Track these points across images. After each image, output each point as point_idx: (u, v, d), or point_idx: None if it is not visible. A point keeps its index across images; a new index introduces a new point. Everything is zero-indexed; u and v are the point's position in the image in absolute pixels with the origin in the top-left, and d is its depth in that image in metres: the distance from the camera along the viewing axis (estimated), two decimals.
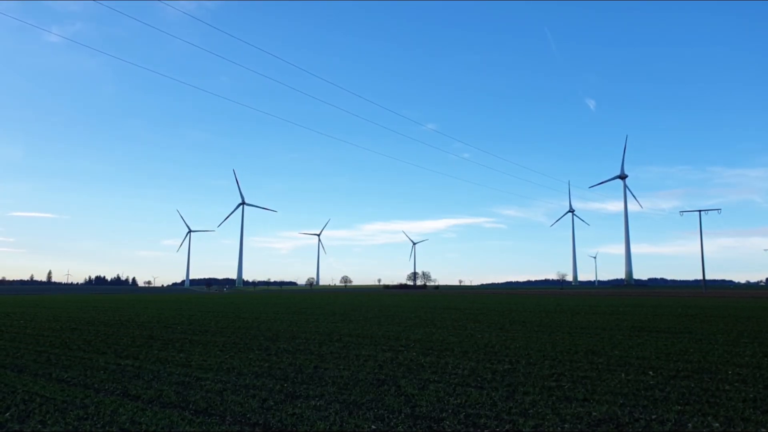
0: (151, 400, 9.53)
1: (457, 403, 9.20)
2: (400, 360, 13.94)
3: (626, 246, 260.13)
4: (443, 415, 8.44)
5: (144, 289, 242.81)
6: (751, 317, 30.16)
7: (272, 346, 16.81)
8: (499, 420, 8.17)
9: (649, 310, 38.67)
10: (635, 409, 8.77)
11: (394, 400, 9.42)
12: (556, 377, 11.54)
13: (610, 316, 31.64)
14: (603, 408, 8.81)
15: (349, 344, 17.32)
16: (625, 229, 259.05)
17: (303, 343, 17.59)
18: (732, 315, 32.26)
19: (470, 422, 8.06)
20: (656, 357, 14.33)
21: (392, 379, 11.33)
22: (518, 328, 23.35)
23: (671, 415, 8.39)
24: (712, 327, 23.53)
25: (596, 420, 8.14)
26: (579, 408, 8.83)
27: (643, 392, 10.00)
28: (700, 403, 9.13)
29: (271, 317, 30.73)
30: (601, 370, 12.43)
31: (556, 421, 8.10)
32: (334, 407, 8.97)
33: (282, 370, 12.57)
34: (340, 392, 10.11)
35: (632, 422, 8.00)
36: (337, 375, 11.84)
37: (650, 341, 17.91)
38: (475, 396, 9.72)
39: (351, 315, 32.71)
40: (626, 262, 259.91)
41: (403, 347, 16.51)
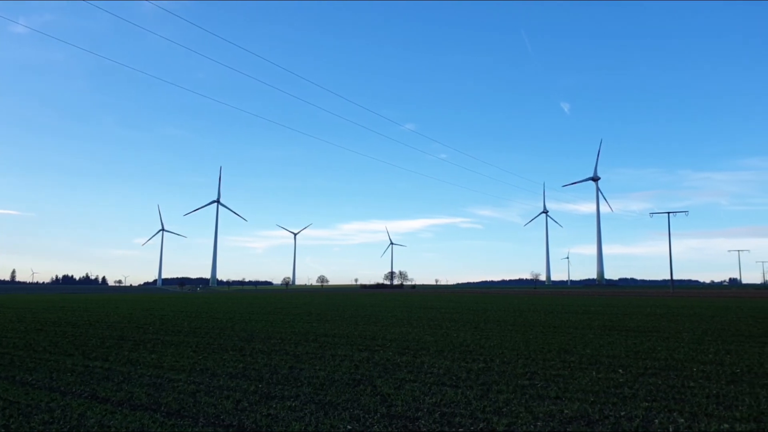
0: (121, 402, 9.41)
1: (433, 402, 9.29)
2: (376, 360, 13.99)
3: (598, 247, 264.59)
4: (418, 415, 8.51)
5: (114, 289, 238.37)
6: (715, 316, 30.98)
7: (247, 347, 16.71)
8: (474, 418, 8.27)
9: (619, 309, 39.41)
10: (605, 406, 8.97)
11: (370, 400, 9.46)
12: (529, 376, 11.72)
13: (582, 315, 32.16)
14: (574, 406, 8.99)
15: (325, 344, 17.31)
16: (597, 230, 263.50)
17: (278, 344, 17.53)
18: (697, 314, 33.08)
19: (445, 421, 8.15)
20: (626, 355, 14.63)
21: (368, 379, 11.37)
22: (493, 327, 23.60)
23: (639, 411, 8.60)
24: (679, 326, 24.10)
25: (568, 417, 8.30)
26: (551, 406, 8.99)
27: (612, 390, 10.23)
28: (667, 400, 9.37)
29: (246, 317, 30.51)
30: (573, 368, 12.66)
31: (529, 419, 8.24)
32: (309, 408, 8.98)
33: (257, 370, 12.51)
34: (316, 393, 10.11)
35: (602, 419, 8.18)
36: (312, 375, 11.84)
37: (620, 340, 18.28)
38: (450, 395, 9.82)
39: (327, 315, 32.66)
40: (598, 262, 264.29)
41: (379, 347, 16.56)
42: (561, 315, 32.07)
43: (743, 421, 8.08)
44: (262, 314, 33.59)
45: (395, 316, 31.54)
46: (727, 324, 24.93)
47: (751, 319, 28.47)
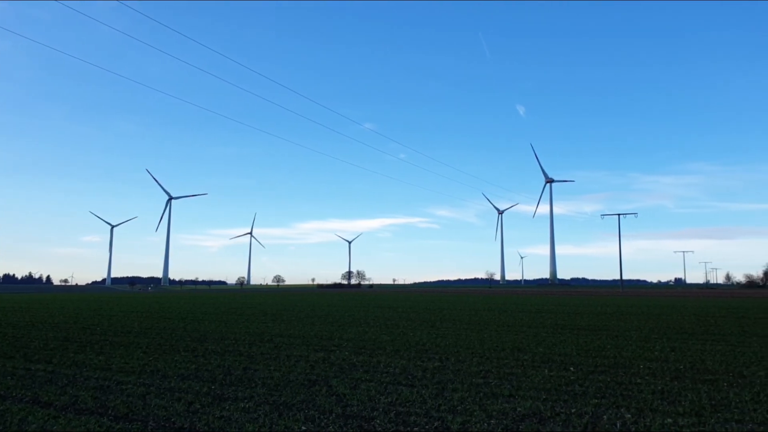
0: (65, 406, 9.06)
1: (388, 402, 9.30)
2: (332, 360, 13.91)
3: (551, 247, 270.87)
4: (374, 414, 8.50)
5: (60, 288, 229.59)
6: (661, 315, 32.16)
7: (200, 347, 16.36)
8: (429, 417, 8.32)
9: (571, 308, 40.44)
10: (557, 403, 9.17)
11: (325, 401, 9.40)
12: (483, 374, 11.87)
13: (535, 314, 32.85)
14: (527, 403, 9.15)
15: (280, 345, 17.12)
16: (551, 231, 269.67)
17: (232, 344, 17.23)
18: (644, 313, 34.26)
19: (400, 420, 8.17)
20: (577, 353, 15.01)
21: (324, 379, 11.30)
22: (448, 326, 23.83)
23: (589, 408, 8.83)
24: (627, 324, 24.90)
25: (521, 415, 8.44)
26: (505, 404, 9.13)
27: (564, 387, 10.46)
28: (615, 396, 9.65)
29: (199, 317, 29.90)
30: (526, 366, 12.90)
31: (483, 417, 8.34)
32: (263, 409, 8.85)
33: (210, 371, 12.26)
34: (270, 393, 9.98)
35: (554, 416, 8.36)
36: (267, 376, 11.68)
37: (571, 338, 18.75)
38: (405, 394, 9.85)
39: (282, 315, 32.33)
40: (551, 262, 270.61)
41: (335, 347, 16.49)
42: (515, 314, 32.67)
43: (685, 415, 8.40)
44: (216, 314, 32.99)
45: (352, 315, 31.49)
46: (672, 322, 25.90)
47: (694, 317, 29.67)
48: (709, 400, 9.40)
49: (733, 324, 24.89)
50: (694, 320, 27.23)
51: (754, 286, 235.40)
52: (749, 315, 31.60)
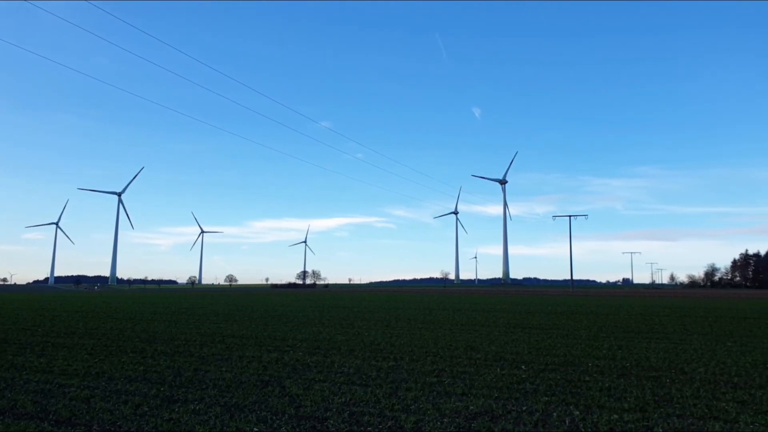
0: (3, 411, 8.64)
1: (342, 402, 9.25)
2: (285, 360, 13.76)
3: (504, 247, 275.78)
4: (327, 415, 8.45)
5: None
6: (609, 314, 33.18)
7: (148, 348, 15.91)
8: (383, 417, 8.32)
9: (523, 307, 41.25)
10: (508, 401, 9.32)
11: (278, 401, 9.28)
12: (437, 373, 11.97)
13: (489, 313, 33.36)
14: (479, 401, 9.27)
15: (232, 345, 16.82)
16: (504, 232, 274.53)
17: (183, 345, 16.83)
18: (593, 312, 35.27)
19: (354, 420, 8.14)
20: (528, 352, 15.31)
21: (277, 380, 11.16)
22: (403, 325, 23.93)
23: (539, 405, 9.01)
24: (577, 323, 25.57)
25: (473, 413, 8.54)
26: (458, 402, 9.22)
27: (515, 385, 10.65)
28: (564, 394, 9.89)
29: (148, 318, 29.09)
30: (478, 365, 13.07)
31: (436, 415, 8.40)
32: (214, 410, 8.67)
33: (159, 373, 11.93)
34: (222, 395, 9.79)
35: (505, 414, 8.49)
36: (218, 377, 11.45)
37: (523, 337, 19.11)
38: (359, 394, 9.83)
39: (235, 315, 31.80)
40: (504, 262, 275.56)
41: (289, 347, 16.32)
42: (469, 313, 33.09)
43: (631, 411, 8.68)
44: (166, 314, 32.17)
45: (306, 315, 31.26)
46: (620, 321, 26.75)
47: (640, 316, 30.73)
48: (652, 395, 9.74)
49: (676, 323, 25.90)
50: (640, 319, 28.20)
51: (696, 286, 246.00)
52: (691, 314, 32.96)
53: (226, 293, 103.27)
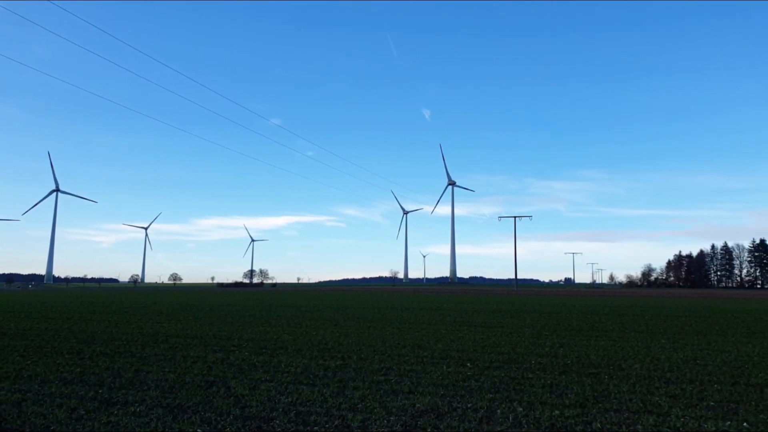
0: None
1: (288, 402, 9.17)
2: (231, 360, 13.52)
3: (452, 247, 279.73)
4: (273, 415, 8.36)
5: None
6: (552, 312, 34.15)
7: (86, 349, 15.31)
8: (329, 416, 8.30)
9: (469, 306, 41.94)
10: (454, 399, 9.46)
11: (223, 402, 9.12)
12: (384, 371, 12.02)
13: (436, 311, 33.75)
14: (426, 399, 9.37)
15: (175, 345, 16.39)
16: (452, 232, 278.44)
17: (123, 345, 16.28)
18: (537, 311, 36.23)
19: (300, 420, 8.09)
20: (474, 349, 15.58)
21: (222, 380, 10.95)
22: (352, 324, 23.92)
23: (484, 402, 9.19)
24: (521, 321, 26.20)
25: (419, 411, 8.63)
26: (404, 400, 9.29)
27: (461, 383, 10.82)
28: (508, 391, 10.12)
29: (87, 317, 27.99)
30: (425, 363, 13.21)
31: (382, 414, 8.44)
32: (156, 412, 8.43)
33: (97, 375, 11.51)
34: (164, 396, 9.53)
35: (451, 411, 8.62)
36: (161, 378, 11.14)
37: (469, 335, 19.44)
38: (306, 393, 9.77)
39: (179, 314, 31.00)
40: (451, 261, 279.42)
41: (235, 347, 16.04)
42: (416, 311, 33.39)
43: (571, 407, 8.97)
44: (106, 314, 31.04)
45: (253, 315, 30.80)
46: (562, 320, 27.57)
47: (581, 315, 31.77)
48: (592, 392, 10.09)
49: (615, 321, 26.92)
50: (581, 318, 29.15)
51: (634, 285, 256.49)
52: (628, 312, 34.32)
53: (170, 292, 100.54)
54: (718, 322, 26.34)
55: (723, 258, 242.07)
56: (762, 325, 25.30)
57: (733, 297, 79.53)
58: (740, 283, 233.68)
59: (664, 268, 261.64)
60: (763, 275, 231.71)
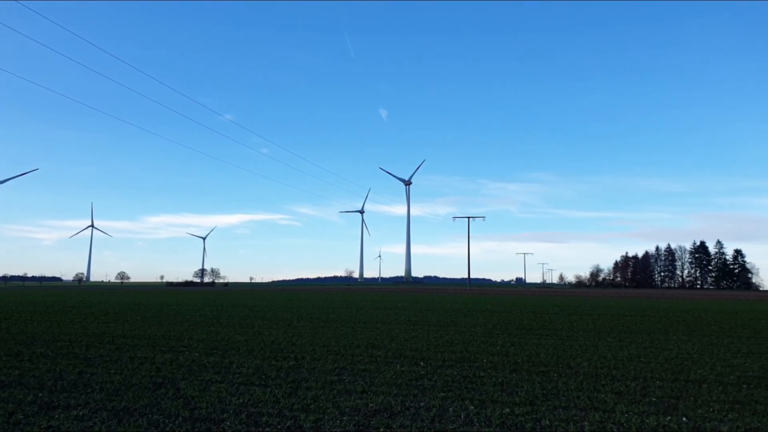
0: None
1: (239, 403, 9.02)
2: (180, 361, 13.21)
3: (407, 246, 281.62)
4: (224, 416, 8.20)
5: None
6: (503, 312, 34.79)
7: (26, 351, 14.66)
8: (282, 417, 8.21)
9: (423, 305, 42.27)
10: (407, 398, 9.51)
11: (172, 404, 8.89)
12: (338, 371, 11.98)
13: (390, 311, 33.87)
14: (379, 399, 9.38)
15: (122, 346, 15.90)
16: (407, 231, 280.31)
17: (66, 346, 15.67)
18: (489, 310, 36.83)
19: (252, 421, 7.97)
20: (427, 348, 15.70)
21: (171, 382, 10.68)
22: (305, 324, 23.74)
23: (436, 401, 9.27)
24: (474, 320, 26.58)
25: (372, 411, 8.63)
26: (357, 400, 9.28)
27: (414, 382, 10.89)
28: (460, 389, 10.24)
29: (27, 317, 26.82)
30: (379, 362, 13.23)
31: (335, 414, 8.40)
32: (100, 415, 8.15)
33: (37, 377, 11.03)
34: (110, 399, 9.22)
35: (403, 411, 8.65)
36: (106, 380, 10.78)
37: (423, 334, 19.58)
38: (258, 394, 9.63)
39: (126, 314, 30.08)
40: (406, 261, 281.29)
41: (184, 348, 15.67)
42: (371, 311, 33.42)
43: (521, 404, 9.15)
44: (48, 314, 29.83)
45: (204, 315, 30.19)
46: (513, 319, 28.11)
47: (532, 314, 32.47)
48: (541, 389, 10.32)
49: (564, 320, 27.63)
50: (531, 317, 29.79)
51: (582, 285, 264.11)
52: (577, 312, 35.30)
53: (117, 291, 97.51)
54: (661, 321, 27.40)
55: (666, 259, 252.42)
56: (701, 323, 26.46)
57: (675, 297, 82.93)
58: (682, 284, 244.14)
59: (611, 269, 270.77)
60: (702, 276, 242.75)
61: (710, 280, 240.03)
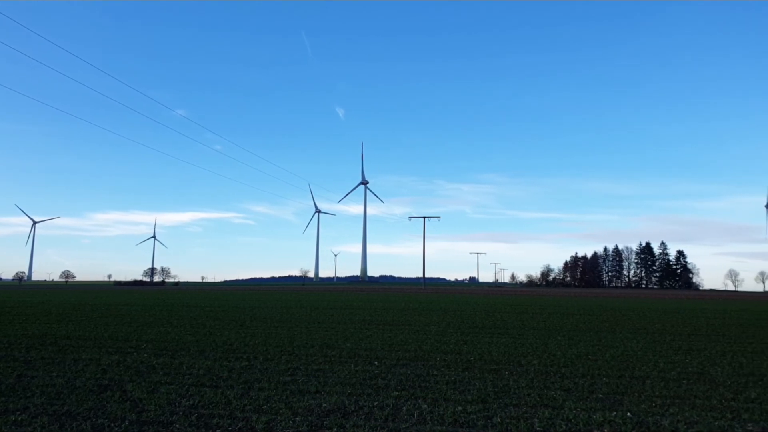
0: None
1: (190, 405, 8.82)
2: (128, 362, 12.81)
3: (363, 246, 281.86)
4: (173, 419, 8.01)
5: None
6: (457, 311, 35.22)
7: None
8: (233, 418, 8.07)
9: (378, 304, 42.34)
10: (360, 397, 9.50)
11: (118, 407, 8.61)
12: (291, 371, 11.87)
13: (345, 310, 33.79)
14: (333, 399, 9.34)
15: (66, 348, 15.31)
16: (363, 231, 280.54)
17: (4, 348, 14.98)
18: (443, 309, 37.21)
19: (202, 423, 7.80)
20: (381, 348, 15.74)
21: (117, 384, 10.35)
22: (259, 324, 23.42)
23: (390, 400, 9.30)
24: (428, 319, 26.80)
25: (326, 411, 8.59)
26: (311, 400, 9.22)
27: (368, 381, 10.89)
28: (414, 388, 10.31)
29: None
30: (333, 362, 13.17)
31: (288, 414, 8.32)
32: (41, 420, 7.82)
33: None
34: (51, 403, 8.86)
35: (357, 410, 8.64)
36: (48, 383, 10.36)
37: (377, 333, 19.61)
38: (209, 396, 9.44)
39: (71, 314, 28.99)
40: (362, 260, 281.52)
41: (132, 349, 15.22)
42: (326, 311, 33.26)
43: (473, 402, 9.27)
44: None
45: (154, 315, 29.40)
46: (466, 317, 28.48)
47: (484, 313, 32.98)
48: (493, 387, 10.49)
49: (516, 319, 28.18)
50: (484, 315, 30.26)
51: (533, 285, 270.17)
52: (528, 311, 36.06)
53: (61, 291, 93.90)
54: (608, 320, 28.29)
55: (614, 260, 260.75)
56: (645, 322, 27.46)
57: (622, 296, 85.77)
58: (628, 283, 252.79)
59: (561, 269, 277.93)
60: (647, 276, 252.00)
61: (654, 279, 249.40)
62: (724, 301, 68.62)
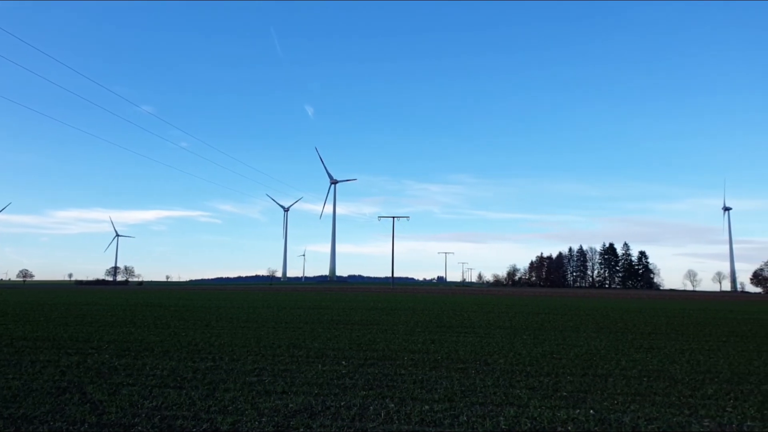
0: None
1: (153, 406, 8.65)
2: (88, 364, 12.49)
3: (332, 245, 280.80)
4: (136, 421, 7.83)
5: None
6: (425, 310, 35.40)
7: None
8: (197, 420, 7.94)
9: (347, 304, 42.27)
10: (328, 397, 9.46)
11: (78, 409, 8.39)
12: (257, 372, 11.74)
13: (313, 310, 33.62)
14: (299, 399, 9.28)
15: (22, 349, 14.84)
16: (333, 230, 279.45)
17: None
18: (411, 308, 37.35)
19: (165, 425, 7.66)
20: (349, 347, 15.70)
21: (77, 386, 10.08)
22: (224, 324, 23.13)
23: (357, 400, 9.28)
24: (396, 319, 26.87)
25: (292, 411, 8.52)
26: (277, 401, 9.13)
27: (335, 381, 10.85)
28: (381, 388, 10.31)
29: None
30: (300, 362, 13.09)
31: (254, 415, 8.23)
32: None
33: None
34: (6, 406, 8.58)
35: (324, 410, 8.60)
36: (3, 386, 10.02)
37: (345, 333, 19.57)
38: (173, 397, 9.27)
39: (29, 315, 28.12)
40: (331, 260, 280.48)
41: (93, 349, 14.84)
42: (293, 311, 33.04)
43: (440, 401, 9.32)
44: None
45: (116, 315, 28.74)
46: (433, 317, 28.65)
47: (452, 312, 33.23)
48: (460, 386, 10.57)
49: (482, 318, 28.46)
50: (451, 315, 30.49)
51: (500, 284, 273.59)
52: (494, 310, 36.47)
53: (18, 290, 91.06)
54: (573, 319, 28.82)
55: (578, 260, 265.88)
56: (608, 321, 28.07)
57: (586, 296, 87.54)
58: (592, 283, 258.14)
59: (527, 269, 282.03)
60: (611, 276, 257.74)
61: (618, 279, 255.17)
62: (683, 300, 70.69)
